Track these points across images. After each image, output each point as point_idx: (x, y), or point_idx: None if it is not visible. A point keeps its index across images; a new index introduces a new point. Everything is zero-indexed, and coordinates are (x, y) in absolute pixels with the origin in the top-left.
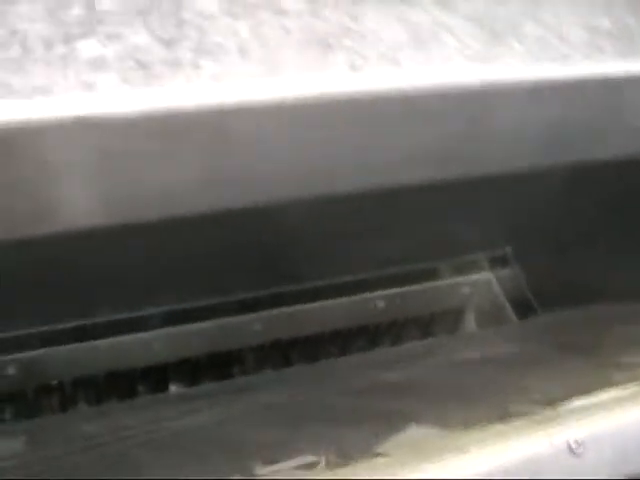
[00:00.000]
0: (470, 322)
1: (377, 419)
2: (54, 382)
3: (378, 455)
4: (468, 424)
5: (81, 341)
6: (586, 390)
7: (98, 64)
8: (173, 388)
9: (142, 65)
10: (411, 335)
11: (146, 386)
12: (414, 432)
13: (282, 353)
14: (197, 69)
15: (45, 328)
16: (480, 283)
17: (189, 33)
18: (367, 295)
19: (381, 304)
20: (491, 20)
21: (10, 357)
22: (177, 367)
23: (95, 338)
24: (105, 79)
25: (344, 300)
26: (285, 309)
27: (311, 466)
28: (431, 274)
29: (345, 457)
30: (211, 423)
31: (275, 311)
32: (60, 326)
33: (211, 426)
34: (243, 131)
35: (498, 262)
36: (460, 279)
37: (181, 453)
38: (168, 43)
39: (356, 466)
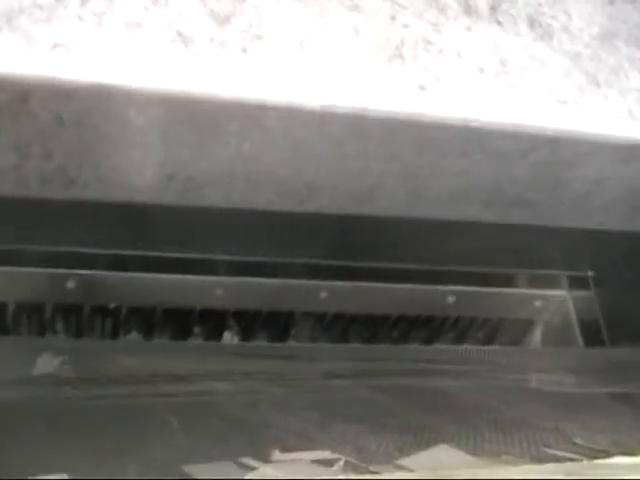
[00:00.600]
0: (536, 336)
1: (408, 429)
2: (111, 305)
3: (399, 468)
4: (498, 457)
5: (146, 272)
6: (631, 450)
7: (134, 28)
8: (227, 336)
9: (184, 39)
10: (475, 337)
11: (202, 329)
12: (442, 453)
13: (343, 327)
14: (244, 53)
15: (111, 252)
16: (554, 299)
17: (246, 11)
18: (439, 287)
19: (451, 299)
20: (592, 61)
21: (72, 272)
22: (236, 317)
23: (160, 272)
24: (137, 46)
25: (415, 287)
26: (355, 283)
27: (328, 463)
28: (507, 280)
29: (365, 462)
30: (245, 391)
31: (344, 283)
32: (126, 253)
33: (244, 395)
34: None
35: (577, 283)
36: (535, 291)
37: (204, 417)
38: (219, 18)
39: (373, 475)
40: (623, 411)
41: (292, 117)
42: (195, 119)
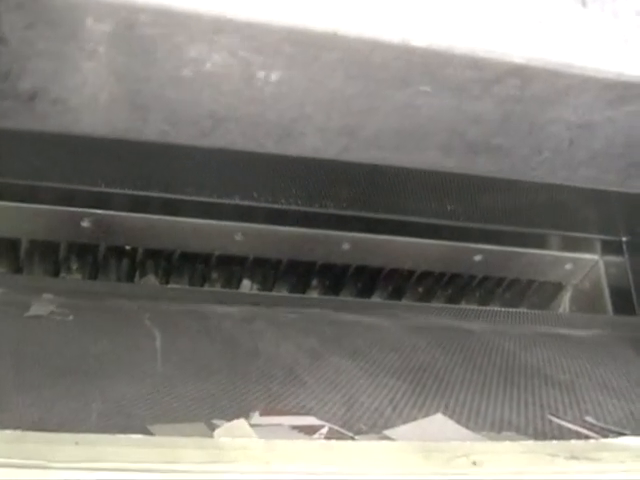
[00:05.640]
0: (565, 300)
1: (403, 397)
2: (127, 247)
3: (384, 438)
4: (497, 430)
5: (164, 214)
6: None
7: None
8: (246, 283)
9: None
10: (502, 298)
11: (220, 275)
12: (431, 423)
13: (366, 280)
14: None
15: (129, 192)
16: (585, 263)
17: None
18: (466, 244)
19: (478, 257)
20: None
21: (88, 210)
22: (255, 264)
23: (178, 215)
24: None
25: (441, 243)
26: (379, 236)
27: (310, 430)
28: (537, 241)
29: (350, 430)
30: (247, 341)
31: (368, 236)
32: (144, 194)
33: (244, 345)
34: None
35: (610, 248)
36: (566, 254)
37: (191, 364)
38: None
39: (355, 444)
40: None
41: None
42: None
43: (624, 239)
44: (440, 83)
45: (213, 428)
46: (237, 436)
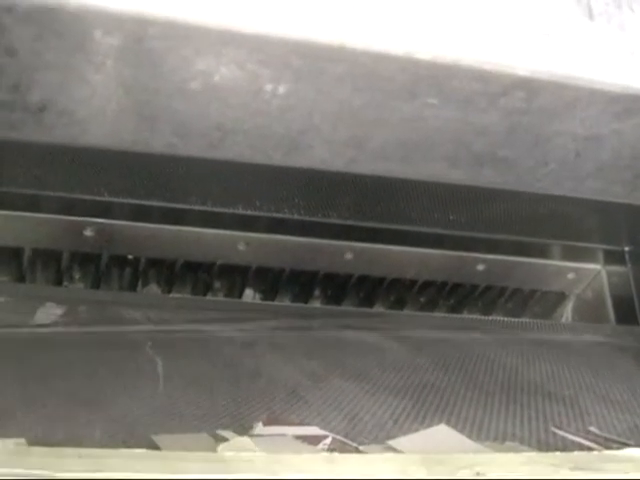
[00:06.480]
0: (567, 310)
1: (408, 407)
2: (130, 256)
3: (388, 449)
4: (499, 441)
5: (166, 223)
6: None
7: None
8: (248, 292)
9: None
10: (505, 307)
11: (223, 284)
12: (439, 435)
13: (367, 290)
14: None
15: (131, 201)
16: (588, 273)
17: None
18: (469, 254)
19: (481, 267)
20: None
21: (91, 220)
22: (258, 274)
23: (181, 224)
24: None
25: (444, 253)
26: (382, 246)
27: (314, 440)
28: (540, 251)
29: (354, 441)
30: (247, 353)
31: (371, 245)
32: (147, 203)
33: (244, 357)
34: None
35: (613, 257)
36: (568, 264)
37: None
38: None
39: (360, 456)
40: None
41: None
42: None
43: (627, 249)
44: (446, 95)
45: (218, 439)
46: (240, 450)
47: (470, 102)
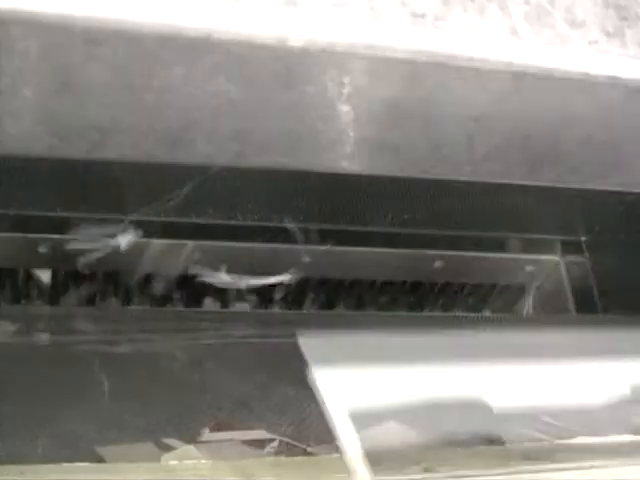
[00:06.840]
0: (528, 302)
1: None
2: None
3: (337, 451)
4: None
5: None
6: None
7: None
8: (208, 302)
9: None
10: (465, 303)
11: (181, 295)
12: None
13: (326, 294)
14: None
15: (85, 215)
16: (547, 265)
17: None
18: (426, 251)
19: (439, 264)
20: None
21: (44, 236)
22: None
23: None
24: None
25: (401, 251)
26: (338, 248)
27: (260, 444)
28: (498, 245)
29: (302, 443)
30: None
31: (323, 248)
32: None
33: (202, 361)
34: None
35: (570, 248)
36: (526, 256)
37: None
38: None
39: (305, 459)
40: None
41: None
42: None
43: (583, 239)
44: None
45: (163, 448)
46: (185, 458)
47: None
